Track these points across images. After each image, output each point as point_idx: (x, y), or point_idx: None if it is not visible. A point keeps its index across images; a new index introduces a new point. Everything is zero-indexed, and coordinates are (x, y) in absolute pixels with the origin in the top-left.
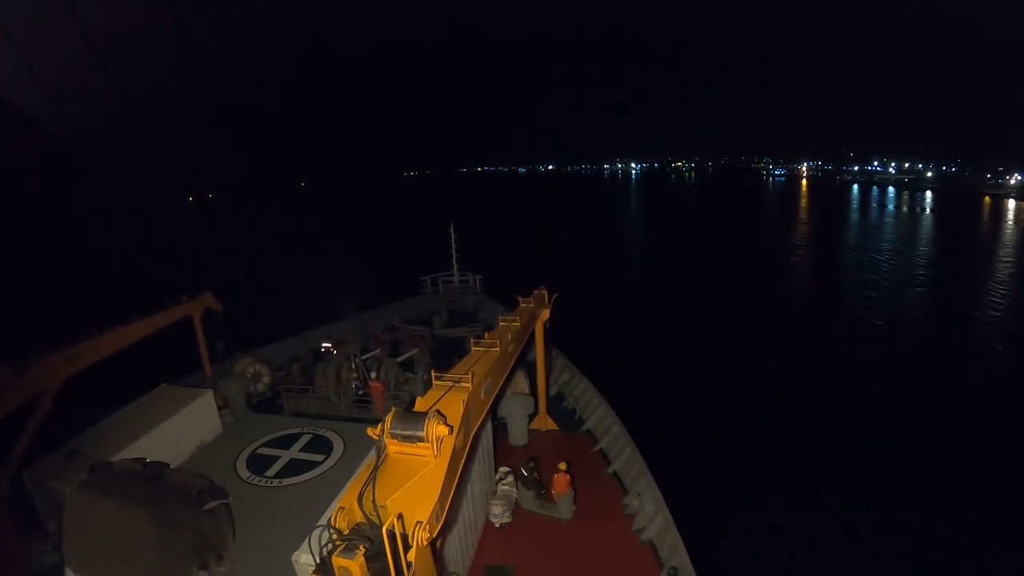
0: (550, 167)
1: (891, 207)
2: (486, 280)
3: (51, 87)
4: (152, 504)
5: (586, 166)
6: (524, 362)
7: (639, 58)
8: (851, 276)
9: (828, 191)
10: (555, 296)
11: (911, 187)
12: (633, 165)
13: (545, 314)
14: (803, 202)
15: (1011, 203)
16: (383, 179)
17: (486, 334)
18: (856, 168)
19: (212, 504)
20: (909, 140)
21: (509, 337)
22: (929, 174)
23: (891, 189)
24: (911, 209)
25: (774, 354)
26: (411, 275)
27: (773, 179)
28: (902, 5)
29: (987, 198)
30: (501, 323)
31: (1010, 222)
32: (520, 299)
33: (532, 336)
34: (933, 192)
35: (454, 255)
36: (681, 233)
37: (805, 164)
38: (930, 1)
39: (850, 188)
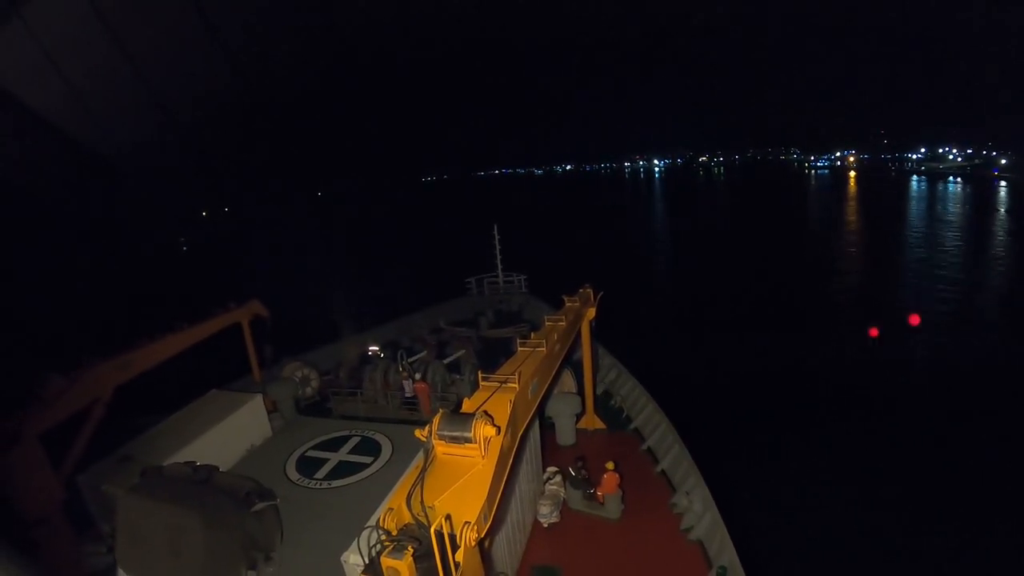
0: (567, 167)
1: (1002, 209)
2: (531, 280)
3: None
4: (201, 506)
5: (606, 165)
6: (571, 361)
7: (656, 51)
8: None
9: (885, 184)
10: (600, 295)
11: (976, 177)
12: (656, 162)
13: (591, 313)
14: (860, 199)
15: None
16: (403, 185)
17: (532, 334)
18: (915, 156)
19: (260, 506)
20: (959, 124)
21: (555, 337)
22: (1003, 161)
23: (958, 180)
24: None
25: (837, 352)
26: (456, 277)
27: (815, 172)
28: None
29: None
30: (547, 323)
31: None
32: (566, 298)
33: (579, 335)
34: (1009, 185)
35: (498, 256)
36: (734, 233)
37: (852, 154)
38: None
39: (909, 180)
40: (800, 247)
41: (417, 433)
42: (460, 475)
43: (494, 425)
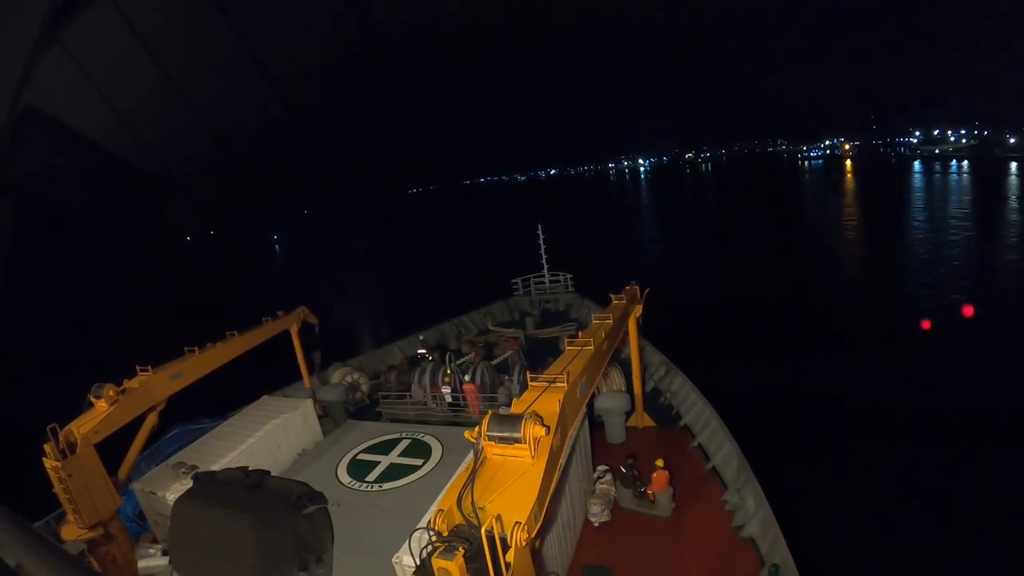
0: (552, 171)
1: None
2: (576, 279)
3: (137, 127)
4: (253, 510)
5: (590, 167)
6: (619, 359)
7: (635, 48)
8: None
9: (890, 173)
10: (647, 292)
11: (980, 159)
12: (641, 161)
13: (638, 310)
14: (873, 190)
15: None
16: (391, 199)
17: (579, 333)
18: (911, 140)
19: (311, 508)
20: (956, 105)
21: (602, 335)
22: (1013, 140)
23: (964, 163)
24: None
25: (891, 346)
26: (502, 279)
27: (809, 163)
28: None
29: None
30: (594, 321)
31: None
32: (612, 296)
33: (626, 333)
34: (1020, 165)
35: (543, 256)
36: (769, 233)
37: (844, 142)
38: None
39: (911, 166)
40: (835, 243)
41: (467, 434)
42: (510, 476)
43: (543, 425)
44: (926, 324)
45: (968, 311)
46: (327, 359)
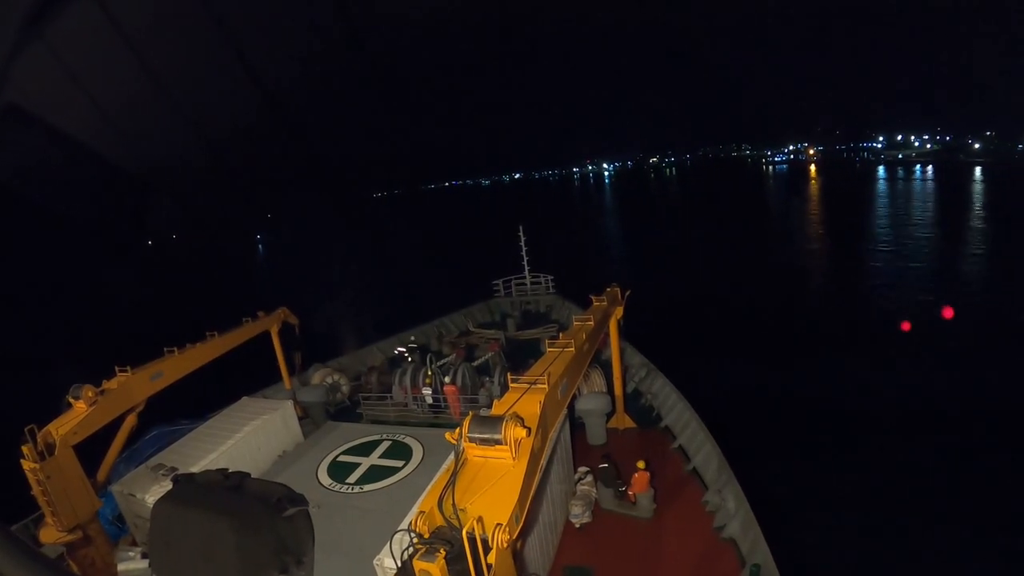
0: (516, 175)
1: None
2: (557, 280)
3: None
4: (233, 512)
5: (554, 172)
6: (600, 360)
7: (600, 54)
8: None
9: (856, 178)
10: (628, 293)
11: (944, 164)
12: (605, 166)
13: (619, 312)
14: (841, 196)
15: None
16: (357, 202)
17: (560, 334)
18: (875, 145)
19: (291, 511)
20: (920, 111)
21: (583, 336)
22: (977, 145)
23: (928, 169)
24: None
25: (871, 348)
26: (483, 280)
27: (774, 168)
28: None
29: None
30: (575, 323)
31: None
32: (593, 298)
33: (607, 334)
34: (983, 169)
35: (524, 257)
36: (737, 239)
37: (808, 147)
38: None
39: (875, 171)
40: (803, 248)
41: (447, 436)
42: (491, 477)
43: (524, 427)
44: (906, 326)
45: (948, 313)
46: (308, 360)
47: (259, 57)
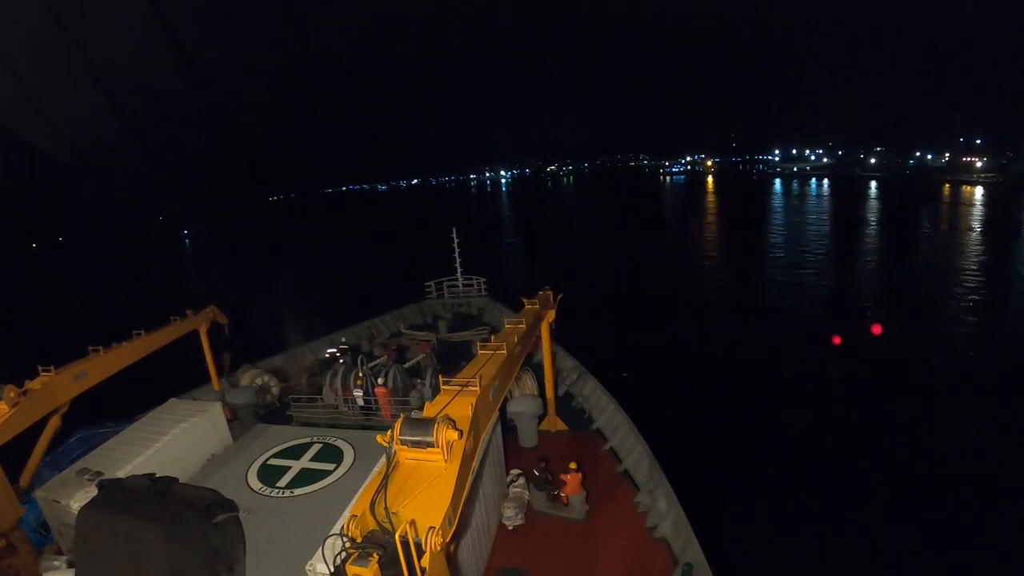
0: (414, 181)
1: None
2: (490, 283)
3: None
4: (161, 519)
5: (451, 178)
6: (532, 363)
7: (497, 62)
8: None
9: (753, 187)
10: (560, 297)
11: (840, 178)
12: (503, 173)
13: (551, 315)
14: (739, 204)
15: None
16: (252, 205)
17: (492, 337)
18: (770, 157)
19: (221, 517)
20: (810, 127)
21: (515, 339)
22: (872, 160)
23: (824, 181)
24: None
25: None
26: (415, 282)
27: (671, 178)
28: None
29: (947, 185)
30: (507, 325)
31: None
32: (525, 300)
33: (539, 337)
34: (879, 183)
35: (457, 259)
36: (675, 236)
37: (705, 158)
38: None
39: (772, 183)
40: (698, 250)
41: (379, 438)
42: (423, 480)
43: (456, 429)
44: (837, 340)
45: (876, 330)
46: (237, 360)
47: (199, 44)
